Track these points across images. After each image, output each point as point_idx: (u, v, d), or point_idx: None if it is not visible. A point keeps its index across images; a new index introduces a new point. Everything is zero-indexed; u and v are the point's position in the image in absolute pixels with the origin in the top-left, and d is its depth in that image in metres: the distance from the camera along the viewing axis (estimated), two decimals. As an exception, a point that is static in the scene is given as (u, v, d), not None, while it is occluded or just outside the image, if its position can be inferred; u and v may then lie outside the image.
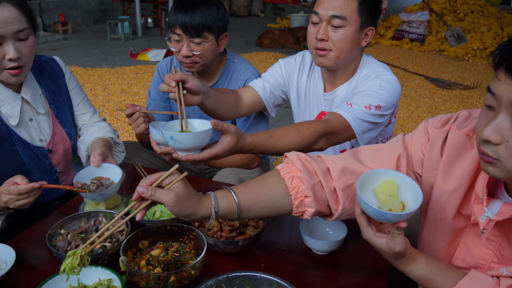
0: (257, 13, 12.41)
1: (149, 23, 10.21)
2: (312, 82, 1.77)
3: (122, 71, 6.17)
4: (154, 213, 1.32)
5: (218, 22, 1.77)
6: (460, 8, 9.13)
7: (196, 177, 1.94)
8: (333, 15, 1.51)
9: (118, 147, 1.79)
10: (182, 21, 1.71)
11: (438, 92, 5.57)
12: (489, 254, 1.02)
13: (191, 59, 1.77)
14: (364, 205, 0.93)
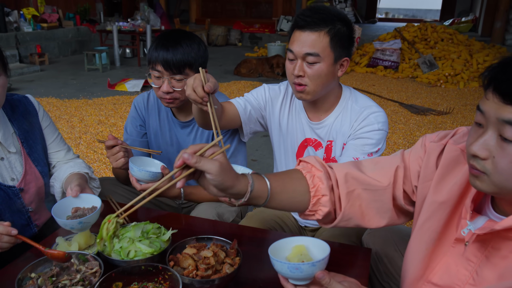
0: (234, 42, 12.59)
1: (127, 54, 10.24)
2: (295, 111, 1.81)
3: (99, 102, 6.14)
4: (129, 252, 1.29)
5: (199, 59, 1.79)
6: (431, 36, 9.46)
7: (175, 212, 1.92)
8: (307, 52, 1.56)
9: (93, 183, 1.77)
10: (164, 58, 1.72)
11: (412, 118, 5.70)
12: (466, 275, 1.04)
13: (171, 95, 1.78)
14: (278, 264, 0.99)
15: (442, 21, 15.65)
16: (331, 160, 1.76)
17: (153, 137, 2.01)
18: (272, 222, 1.78)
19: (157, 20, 9.90)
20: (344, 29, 1.58)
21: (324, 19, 1.55)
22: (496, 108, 0.86)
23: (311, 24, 1.54)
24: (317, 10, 1.58)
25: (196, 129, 1.93)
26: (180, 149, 1.97)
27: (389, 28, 12.91)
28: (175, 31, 1.82)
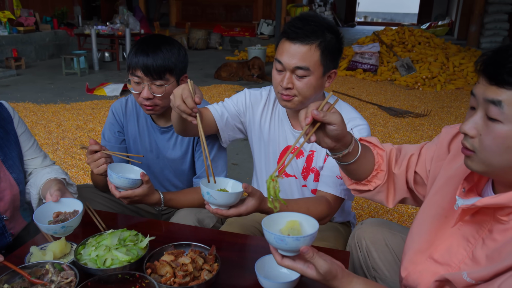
0: (215, 46, 12.58)
1: (106, 57, 10.11)
2: (277, 118, 1.79)
3: (77, 106, 6.05)
4: (105, 261, 1.28)
5: (179, 64, 1.78)
6: (408, 40, 9.62)
7: (155, 219, 1.90)
8: (297, 66, 1.52)
9: (70, 189, 1.75)
10: (144, 63, 1.70)
11: (391, 120, 5.78)
12: (463, 255, 1.11)
13: (151, 101, 1.75)
14: (267, 234, 1.09)
15: (419, 24, 15.94)
16: (310, 170, 1.75)
17: (132, 143, 1.99)
18: (251, 228, 1.78)
19: (137, 24, 9.82)
20: (334, 40, 1.55)
21: (315, 31, 1.51)
22: (484, 89, 0.96)
23: (302, 36, 1.50)
24: (308, 20, 1.53)
25: (176, 134, 1.92)
26: (159, 155, 1.96)
27: (368, 31, 13.09)
28: (154, 36, 1.80)
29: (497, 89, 0.94)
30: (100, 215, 1.62)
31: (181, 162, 1.95)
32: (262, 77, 8.33)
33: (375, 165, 1.36)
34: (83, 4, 13.60)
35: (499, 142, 0.95)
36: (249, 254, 1.47)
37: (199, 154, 1.90)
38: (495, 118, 0.95)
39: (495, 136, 0.95)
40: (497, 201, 0.99)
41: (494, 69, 0.94)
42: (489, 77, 0.95)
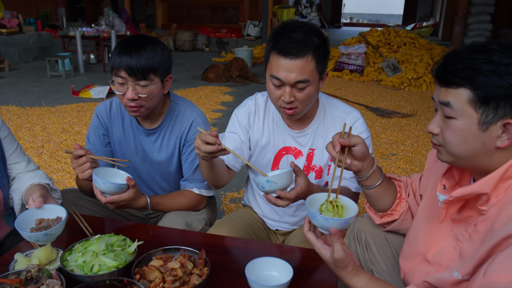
0: (202, 48, 12.53)
1: (91, 59, 10.01)
2: (272, 122, 1.79)
3: (63, 109, 5.97)
4: (92, 267, 1.25)
5: (164, 64, 1.75)
6: (394, 41, 9.70)
7: (143, 223, 1.88)
8: (297, 80, 1.52)
9: (54, 194, 1.72)
10: (127, 63, 1.67)
11: (378, 120, 5.81)
12: (452, 253, 1.18)
13: (136, 103, 1.72)
14: (308, 207, 1.17)
15: (404, 25, 16.11)
16: (311, 168, 1.78)
17: (117, 146, 1.96)
18: (240, 230, 1.76)
19: (122, 25, 9.74)
20: (322, 43, 1.55)
21: (307, 41, 1.50)
22: (438, 93, 1.10)
23: (297, 50, 1.49)
24: (296, 31, 1.51)
25: (162, 136, 1.90)
26: (145, 158, 1.93)
27: (354, 32, 13.17)
28: (137, 36, 1.77)
29: (446, 90, 1.07)
30: (86, 220, 1.59)
31: (168, 165, 1.93)
32: (247, 77, 8.30)
33: (397, 194, 1.47)
34: (67, 6, 13.46)
35: (457, 135, 1.07)
36: (239, 258, 1.45)
37: (185, 156, 1.88)
38: (449, 116, 1.07)
39: (452, 130, 1.08)
40: (470, 190, 1.08)
41: (441, 72, 1.08)
42: (438, 80, 1.09)
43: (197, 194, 1.86)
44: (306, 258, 1.43)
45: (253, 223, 1.88)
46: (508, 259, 0.93)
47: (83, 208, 1.86)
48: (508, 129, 1.01)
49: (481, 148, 1.05)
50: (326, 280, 1.31)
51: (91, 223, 1.59)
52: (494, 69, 0.98)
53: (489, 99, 1.00)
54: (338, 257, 1.12)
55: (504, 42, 1.03)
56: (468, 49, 1.04)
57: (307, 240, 1.23)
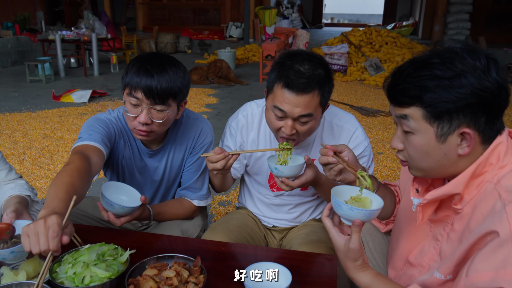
0: (184, 50, 12.45)
1: (72, 63, 9.85)
2: (268, 132, 1.76)
3: (44, 114, 5.85)
4: (83, 278, 1.20)
5: (184, 89, 1.61)
6: (376, 40, 9.80)
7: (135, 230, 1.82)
8: (301, 115, 1.49)
9: (35, 206, 1.65)
10: (147, 84, 1.50)
11: (363, 119, 5.84)
12: (432, 253, 1.18)
13: (148, 127, 1.57)
14: (332, 195, 1.15)
15: (385, 25, 16.29)
16: None
17: (123, 164, 1.78)
18: (236, 232, 1.73)
19: (103, 29, 9.62)
20: (327, 77, 1.51)
21: (314, 76, 1.46)
22: (393, 109, 1.10)
23: (304, 86, 1.45)
24: (305, 66, 1.47)
25: (166, 156, 1.78)
26: (149, 178, 1.82)
27: (335, 32, 13.25)
28: (159, 55, 1.61)
29: (399, 109, 1.07)
30: (75, 229, 1.53)
31: (174, 180, 1.86)
32: (229, 79, 8.26)
33: (396, 199, 1.46)
34: (46, 9, 13.23)
35: (419, 150, 1.07)
36: (236, 263, 1.42)
37: (189, 166, 1.79)
38: (408, 131, 1.07)
39: (414, 147, 1.08)
40: (442, 191, 1.08)
41: (390, 92, 1.09)
42: (390, 100, 1.10)
43: (196, 206, 1.80)
44: (305, 262, 1.40)
45: (248, 224, 1.85)
46: (487, 257, 0.93)
47: (71, 216, 1.79)
48: (466, 137, 1.02)
49: (444, 158, 1.06)
50: (325, 284, 1.29)
51: (79, 232, 1.52)
52: (439, 84, 0.99)
53: (441, 114, 1.01)
54: (353, 247, 1.11)
55: (444, 51, 1.03)
56: (411, 66, 1.04)
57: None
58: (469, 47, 1.02)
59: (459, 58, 1.00)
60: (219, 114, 6.11)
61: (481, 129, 1.02)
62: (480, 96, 0.98)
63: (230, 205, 3.38)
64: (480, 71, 0.98)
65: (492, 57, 1.01)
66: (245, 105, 1.82)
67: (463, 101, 0.98)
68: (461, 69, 0.98)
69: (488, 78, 0.98)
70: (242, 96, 7.29)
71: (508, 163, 1.04)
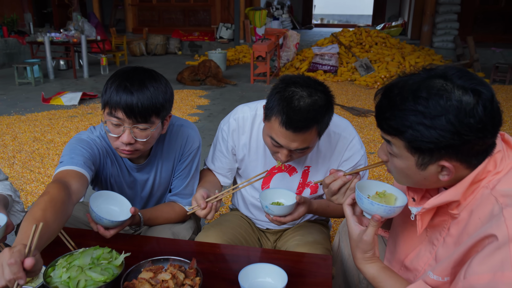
0: (174, 51, 12.41)
1: (61, 66, 9.76)
2: (260, 139, 1.73)
3: (33, 117, 5.79)
4: (78, 283, 1.19)
5: (167, 104, 1.54)
6: (366, 41, 9.84)
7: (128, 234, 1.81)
8: (298, 148, 1.47)
9: (16, 206, 1.64)
10: (127, 103, 1.43)
11: (354, 120, 5.87)
12: (428, 257, 1.19)
13: (132, 146, 1.51)
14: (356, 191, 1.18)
15: (374, 25, 16.38)
16: (306, 184, 1.76)
17: (112, 181, 1.76)
18: (229, 234, 1.73)
19: (92, 30, 9.55)
20: (326, 104, 1.43)
21: (313, 113, 1.39)
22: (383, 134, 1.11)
23: (302, 125, 1.40)
24: (303, 99, 1.39)
25: (155, 168, 1.76)
26: (139, 191, 1.81)
27: (325, 33, 13.30)
28: (138, 70, 1.53)
29: (384, 134, 1.09)
30: (67, 232, 1.52)
31: (164, 190, 1.85)
32: (218, 79, 8.25)
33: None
34: (34, 11, 13.10)
35: (399, 171, 1.11)
36: (231, 265, 1.42)
37: (179, 173, 1.78)
38: (391, 153, 1.10)
39: (395, 167, 1.12)
40: (441, 199, 1.08)
41: (378, 116, 1.10)
42: (377, 122, 1.12)
43: (185, 210, 1.79)
44: (300, 263, 1.40)
45: (241, 225, 1.85)
46: (485, 259, 0.94)
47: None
48: (446, 168, 1.03)
49: (424, 180, 1.09)
50: (320, 284, 1.29)
51: (72, 235, 1.52)
52: (421, 122, 0.98)
53: (422, 149, 1.02)
54: (366, 239, 1.15)
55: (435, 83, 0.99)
56: (399, 96, 1.02)
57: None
58: (465, 75, 0.99)
59: (447, 93, 0.97)
60: (211, 115, 6.10)
61: (464, 159, 1.02)
62: (462, 138, 0.97)
63: (223, 207, 3.38)
64: (465, 110, 0.95)
65: (484, 90, 0.97)
66: (237, 108, 1.79)
67: (444, 142, 0.98)
68: (445, 109, 0.96)
69: (474, 115, 0.95)
70: (233, 97, 7.29)
71: (503, 169, 1.04)
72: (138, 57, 11.80)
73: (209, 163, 1.87)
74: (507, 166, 1.05)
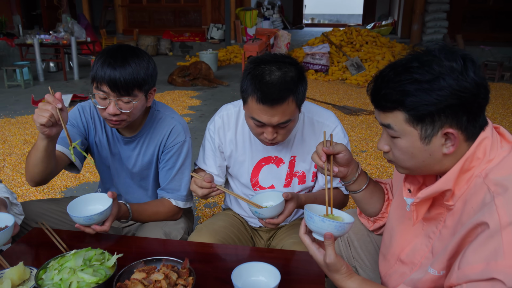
0: (165, 52, 12.37)
1: (51, 68, 9.69)
2: (246, 132, 1.76)
3: (24, 120, 5.74)
4: (70, 284, 1.19)
5: (149, 79, 1.66)
6: (356, 40, 9.88)
7: (120, 235, 1.81)
8: (280, 122, 1.50)
9: (14, 209, 1.63)
10: (110, 78, 1.56)
11: (346, 118, 5.89)
12: (424, 251, 1.21)
13: (118, 117, 1.64)
14: (305, 210, 1.19)
15: (365, 25, 16.45)
16: (293, 174, 1.78)
17: (96, 150, 1.88)
18: (222, 233, 1.73)
19: (82, 32, 9.48)
20: (299, 76, 1.49)
21: (286, 84, 1.45)
22: (378, 115, 1.13)
23: (277, 97, 1.44)
24: (273, 73, 1.45)
25: (140, 144, 1.83)
26: (123, 166, 1.87)
27: (316, 33, 13.33)
28: (122, 47, 1.65)
29: (384, 114, 1.11)
30: (59, 234, 1.52)
31: (146, 173, 1.87)
32: (210, 80, 8.24)
33: (385, 196, 1.49)
34: (22, 13, 13.00)
35: (404, 152, 1.12)
36: (224, 264, 1.42)
37: (163, 164, 1.82)
38: (393, 136, 1.12)
39: (399, 149, 1.12)
40: (433, 189, 1.11)
41: (374, 97, 1.12)
42: (374, 105, 1.13)
43: (176, 206, 1.81)
44: (293, 261, 1.41)
45: (234, 224, 1.85)
46: (478, 249, 0.96)
47: (51, 219, 1.76)
48: (450, 137, 1.05)
49: (429, 158, 1.09)
50: (314, 282, 1.30)
51: (64, 237, 1.51)
52: (419, 88, 1.02)
53: (423, 116, 1.04)
54: (329, 261, 1.14)
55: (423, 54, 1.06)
56: (392, 71, 1.07)
57: (301, 242, 1.25)
58: (447, 49, 1.05)
59: (436, 60, 1.03)
60: (203, 116, 6.09)
61: (464, 127, 1.05)
62: (459, 97, 1.01)
63: (216, 207, 3.38)
64: (457, 73, 1.01)
65: (469, 57, 1.03)
66: (222, 107, 1.84)
67: (444, 102, 1.01)
68: (439, 72, 1.01)
69: (466, 79, 1.01)
70: (225, 97, 7.28)
71: (495, 157, 1.06)
72: (128, 58, 11.73)
73: (201, 163, 1.88)
74: (499, 155, 1.06)
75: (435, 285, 1.11)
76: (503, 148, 1.08)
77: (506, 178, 1.01)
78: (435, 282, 1.11)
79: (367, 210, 1.49)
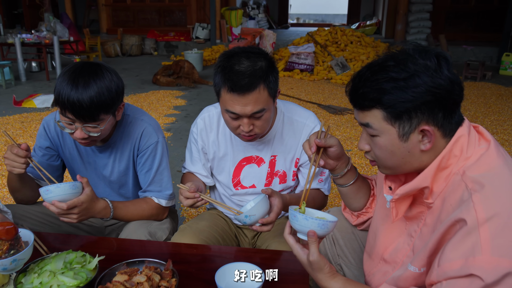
0: (150, 52, 12.28)
1: (33, 67, 9.54)
2: (227, 132, 1.76)
3: (5, 121, 5.64)
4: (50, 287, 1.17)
5: (114, 99, 1.56)
6: (341, 39, 9.95)
7: (102, 236, 1.78)
8: (253, 112, 1.50)
9: (7, 216, 1.59)
10: (73, 106, 1.47)
11: (331, 118, 5.92)
12: (406, 249, 1.22)
13: (88, 139, 1.59)
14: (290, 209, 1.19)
15: (349, 24, 16.56)
16: (274, 174, 1.78)
17: (70, 162, 1.84)
18: (206, 233, 1.72)
19: (65, 31, 9.35)
20: (269, 66, 1.52)
21: (255, 71, 1.46)
22: (357, 114, 1.15)
23: (247, 84, 1.45)
24: (243, 63, 1.47)
25: (115, 151, 1.79)
26: (100, 175, 1.84)
27: (301, 32, 13.37)
28: (84, 67, 1.54)
29: (362, 113, 1.12)
30: (39, 236, 1.49)
31: (124, 180, 1.84)
32: (194, 80, 8.20)
33: (371, 192, 1.49)
34: (3, 12, 12.79)
35: (384, 150, 1.13)
36: (208, 265, 1.41)
37: (140, 167, 1.79)
38: (373, 135, 1.13)
39: (379, 147, 1.13)
40: (411, 186, 1.12)
41: (352, 97, 1.14)
42: (353, 104, 1.15)
43: (159, 204, 1.79)
44: (276, 261, 1.41)
45: (218, 224, 1.84)
46: (456, 246, 0.97)
47: (32, 222, 1.74)
48: (426, 134, 1.07)
49: (409, 156, 1.11)
50: (297, 282, 1.30)
51: (44, 239, 1.49)
52: (395, 86, 1.04)
53: (400, 113, 1.06)
54: (312, 259, 1.14)
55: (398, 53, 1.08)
56: (369, 71, 1.09)
57: (285, 242, 1.23)
58: (420, 48, 1.08)
59: (411, 59, 1.05)
60: (188, 116, 6.06)
61: (440, 124, 1.07)
62: (434, 93, 1.03)
63: (201, 207, 3.36)
64: (432, 70, 1.03)
65: (442, 55, 1.06)
66: (203, 109, 1.84)
67: (419, 99, 1.03)
68: (414, 70, 1.03)
69: (440, 76, 1.03)
70: (210, 97, 7.25)
71: (472, 154, 1.08)
72: (113, 58, 11.62)
73: (189, 165, 1.87)
74: (476, 152, 1.08)
75: (416, 282, 1.12)
76: (481, 146, 1.09)
77: (483, 175, 1.03)
78: (416, 279, 1.12)
79: (352, 205, 1.50)
